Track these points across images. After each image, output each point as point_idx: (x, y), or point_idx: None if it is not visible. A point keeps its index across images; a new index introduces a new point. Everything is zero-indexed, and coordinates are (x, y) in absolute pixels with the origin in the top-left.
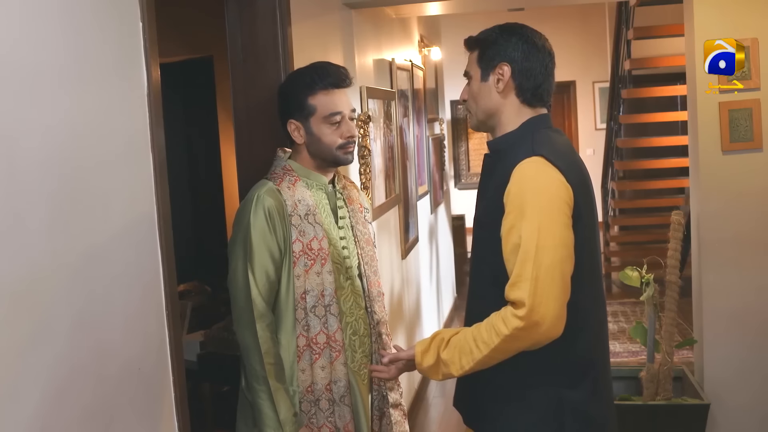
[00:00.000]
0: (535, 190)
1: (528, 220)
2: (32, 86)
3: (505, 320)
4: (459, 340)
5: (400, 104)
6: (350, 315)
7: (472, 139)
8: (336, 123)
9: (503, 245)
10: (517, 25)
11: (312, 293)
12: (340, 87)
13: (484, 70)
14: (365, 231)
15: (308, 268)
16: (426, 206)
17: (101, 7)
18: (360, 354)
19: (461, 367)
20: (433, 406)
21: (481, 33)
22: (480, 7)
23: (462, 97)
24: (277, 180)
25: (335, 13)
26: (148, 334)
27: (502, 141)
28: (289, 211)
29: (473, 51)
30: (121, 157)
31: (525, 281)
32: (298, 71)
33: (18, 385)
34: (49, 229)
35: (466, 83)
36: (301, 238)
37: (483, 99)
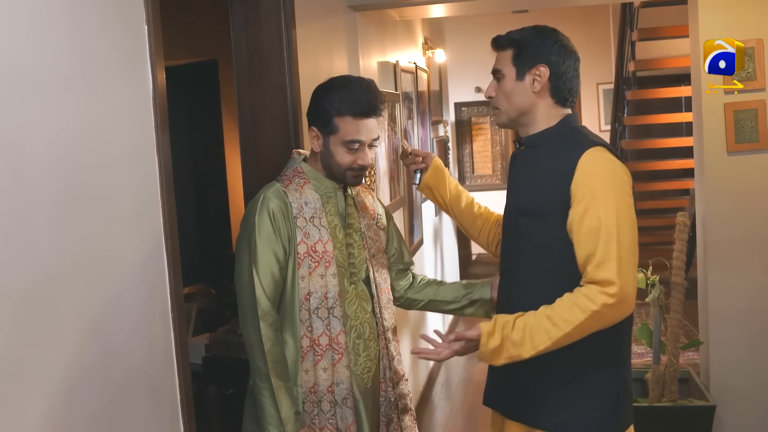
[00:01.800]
0: (605, 176)
1: (604, 204)
2: (39, 90)
3: (592, 297)
4: (528, 322)
5: (404, 106)
6: (355, 319)
7: (477, 141)
8: (353, 149)
9: (575, 230)
10: (550, 27)
11: (315, 295)
12: (369, 117)
13: (519, 70)
14: (376, 238)
15: (312, 270)
16: (430, 208)
17: (107, 11)
18: (364, 358)
19: (534, 347)
20: (438, 408)
21: (515, 33)
22: (484, 10)
23: (488, 93)
24: (286, 182)
25: (339, 16)
26: (154, 337)
27: (540, 137)
28: (294, 213)
29: (505, 50)
30: (127, 160)
31: (611, 260)
32: (337, 84)
33: (24, 387)
34: (56, 231)
35: (492, 80)
36: (305, 240)
37: (517, 97)
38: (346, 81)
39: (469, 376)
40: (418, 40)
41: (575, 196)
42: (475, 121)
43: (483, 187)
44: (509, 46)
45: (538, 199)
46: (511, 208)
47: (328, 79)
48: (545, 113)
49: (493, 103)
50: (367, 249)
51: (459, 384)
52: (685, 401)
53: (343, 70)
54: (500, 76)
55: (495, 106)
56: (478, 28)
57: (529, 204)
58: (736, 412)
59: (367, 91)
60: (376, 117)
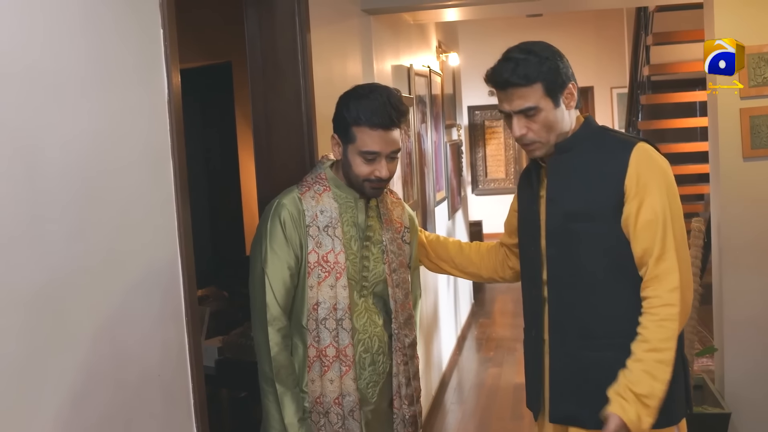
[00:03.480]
0: (657, 170)
1: (658, 197)
2: (54, 94)
3: (668, 301)
4: (634, 366)
5: (418, 110)
6: (363, 332)
7: (490, 145)
8: (370, 160)
9: (632, 224)
10: (544, 42)
11: (324, 305)
12: (386, 129)
13: (555, 98)
14: (400, 252)
15: (321, 280)
16: (444, 212)
17: (122, 15)
18: (369, 372)
19: (663, 381)
20: (450, 413)
21: (531, 66)
22: (498, 13)
23: (520, 133)
24: (305, 188)
25: (354, 19)
26: (168, 340)
27: (572, 141)
28: (307, 221)
29: (530, 86)
30: (142, 162)
31: (669, 251)
32: (358, 93)
33: (38, 390)
34: (70, 234)
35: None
36: (317, 249)
37: (558, 124)
38: (368, 90)
39: (482, 380)
40: (432, 43)
41: (629, 192)
42: (489, 124)
43: (496, 191)
44: (536, 80)
45: (590, 202)
46: (555, 216)
47: (354, 86)
48: (569, 119)
49: (527, 140)
50: (387, 263)
51: (471, 389)
52: (700, 408)
53: (357, 73)
54: (534, 113)
55: (533, 141)
56: (492, 32)
57: (580, 208)
58: (752, 420)
59: (386, 102)
60: (394, 129)
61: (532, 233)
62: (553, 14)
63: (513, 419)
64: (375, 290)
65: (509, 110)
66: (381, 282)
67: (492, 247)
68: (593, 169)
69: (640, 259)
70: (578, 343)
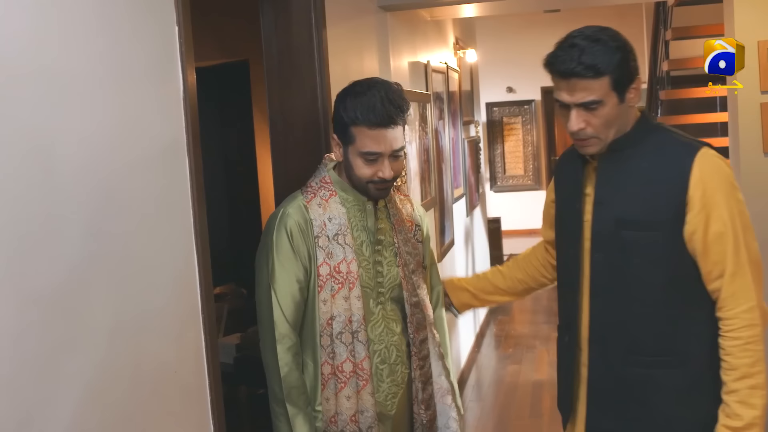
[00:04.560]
0: (723, 179)
1: (727, 209)
2: (70, 92)
3: (750, 322)
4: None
5: (435, 107)
6: (379, 342)
7: (508, 142)
8: (371, 161)
9: (700, 238)
10: (613, 29)
11: (339, 319)
12: (386, 127)
13: (620, 93)
14: (415, 253)
15: (335, 293)
16: (462, 209)
17: (137, 13)
18: (388, 383)
19: (761, 406)
20: (469, 410)
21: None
22: (516, 9)
23: (579, 126)
24: (310, 195)
25: (370, 16)
26: (184, 338)
27: (625, 140)
28: (316, 231)
29: (598, 77)
30: (158, 161)
31: (743, 266)
32: (354, 90)
33: (55, 387)
34: (86, 233)
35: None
36: (328, 261)
37: (619, 119)
38: (365, 86)
39: (501, 378)
40: (449, 40)
41: (694, 203)
42: (507, 121)
43: (514, 188)
44: (605, 73)
45: (646, 210)
46: (604, 220)
47: (351, 82)
48: (628, 116)
49: (584, 135)
50: (402, 266)
51: (490, 386)
52: None
53: (373, 70)
54: (596, 107)
55: (590, 136)
56: (510, 28)
57: (634, 214)
58: None
59: (384, 98)
60: (395, 126)
61: (573, 234)
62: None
63: (532, 417)
64: (392, 295)
65: (570, 102)
66: (397, 286)
67: (530, 253)
68: (651, 174)
69: (708, 275)
70: (623, 357)
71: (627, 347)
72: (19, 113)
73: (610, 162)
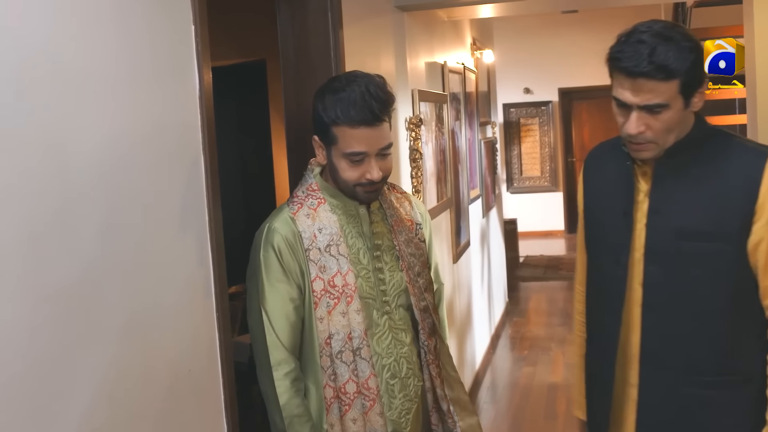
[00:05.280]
0: None
1: None
2: (86, 92)
3: None
4: None
5: (452, 107)
6: (388, 356)
7: (525, 143)
8: (357, 162)
9: (764, 248)
10: (683, 27)
11: (337, 336)
12: (369, 125)
13: (687, 98)
14: (420, 253)
15: (331, 309)
16: (478, 210)
17: (154, 12)
18: (401, 399)
19: None
20: (484, 412)
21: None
22: (533, 10)
23: (638, 130)
24: (296, 206)
25: (387, 16)
26: (198, 336)
27: (686, 143)
28: (306, 244)
29: (668, 80)
30: (173, 160)
31: None
32: (332, 86)
33: (68, 385)
34: (100, 231)
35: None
36: (321, 275)
37: (681, 124)
38: (344, 81)
39: (515, 379)
40: (466, 40)
41: (762, 212)
42: (524, 122)
43: (531, 189)
44: (676, 76)
45: (709, 219)
46: (661, 231)
47: (329, 78)
48: (687, 121)
49: (642, 139)
50: (407, 269)
51: (505, 388)
52: None
53: (390, 70)
54: (661, 110)
55: (649, 141)
56: (527, 29)
57: (696, 225)
58: None
59: (365, 93)
60: (380, 123)
61: (619, 243)
62: (589, 11)
63: (546, 419)
64: (399, 303)
65: (633, 103)
66: (403, 292)
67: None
68: (715, 181)
69: (766, 290)
70: (680, 377)
71: (684, 366)
72: (36, 112)
73: (668, 168)
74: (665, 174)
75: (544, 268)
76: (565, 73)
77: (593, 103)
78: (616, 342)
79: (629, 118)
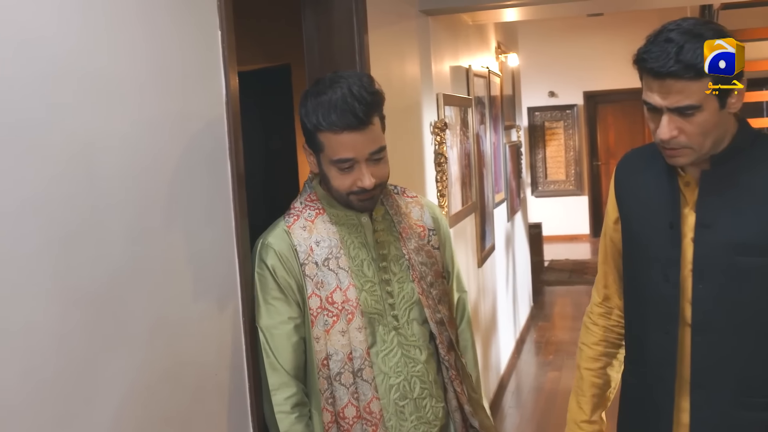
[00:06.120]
0: None
1: None
2: (114, 96)
3: None
4: None
5: (476, 111)
6: (396, 375)
7: (550, 147)
8: (346, 169)
9: None
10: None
11: (336, 357)
12: (354, 129)
13: (723, 99)
14: (432, 262)
15: (329, 327)
16: (503, 214)
17: (181, 16)
18: (413, 422)
19: None
20: (508, 417)
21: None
22: (558, 13)
23: (671, 134)
24: (292, 218)
25: (412, 20)
26: (225, 341)
27: (730, 152)
28: (301, 258)
29: (698, 79)
30: (200, 165)
31: None
32: (315, 90)
33: (96, 388)
34: (129, 236)
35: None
36: (318, 292)
37: (718, 129)
38: (327, 83)
39: (540, 384)
40: (491, 44)
41: None
42: (548, 125)
43: (556, 193)
44: (703, 75)
45: (765, 230)
46: (711, 245)
47: (315, 79)
48: (727, 127)
49: (676, 144)
50: (418, 280)
51: (530, 392)
52: None
53: (415, 74)
54: (693, 112)
55: (683, 146)
56: (552, 32)
57: (753, 238)
58: None
59: (347, 95)
60: (366, 126)
61: (668, 258)
62: (614, 13)
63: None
64: (412, 316)
65: (662, 105)
66: (415, 304)
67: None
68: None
69: None
70: (735, 400)
71: (740, 389)
72: (65, 118)
73: (715, 177)
74: (712, 184)
75: (569, 272)
76: (590, 76)
77: (618, 107)
78: (674, 367)
79: (660, 123)
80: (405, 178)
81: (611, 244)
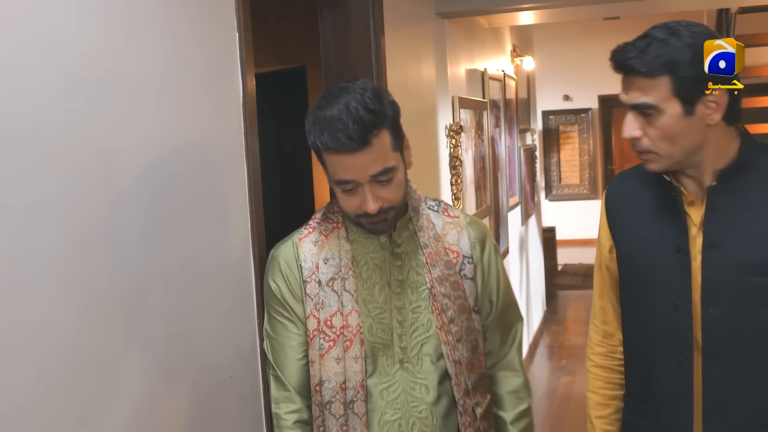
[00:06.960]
0: None
1: None
2: (132, 98)
3: None
4: None
5: (491, 114)
6: (393, 413)
7: (564, 150)
8: (350, 191)
9: None
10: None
11: (328, 385)
12: (351, 151)
13: (687, 102)
14: (456, 294)
15: (324, 352)
16: (517, 217)
17: (199, 19)
18: None
19: None
20: None
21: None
22: (574, 17)
23: (630, 134)
24: (308, 230)
25: (428, 23)
26: (240, 342)
27: (736, 168)
28: (305, 275)
29: (653, 76)
30: (217, 166)
31: None
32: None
33: (112, 389)
34: (146, 237)
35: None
36: (316, 313)
37: (686, 137)
38: (330, 97)
39: (554, 389)
40: (506, 47)
41: None
42: (563, 129)
43: (570, 197)
44: (662, 72)
45: None
46: (721, 267)
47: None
48: (723, 139)
49: (640, 146)
50: (438, 313)
51: (543, 397)
52: None
53: (431, 77)
54: (652, 113)
55: (646, 149)
56: (568, 36)
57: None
58: None
59: (342, 112)
60: (364, 147)
61: (676, 285)
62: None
63: (585, 429)
64: (424, 351)
65: (624, 101)
66: (430, 339)
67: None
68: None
69: None
70: (750, 431)
71: (754, 418)
72: (83, 118)
73: (722, 193)
74: (719, 201)
75: (583, 277)
76: (605, 80)
77: None
78: (691, 402)
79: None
80: (419, 180)
81: (608, 275)
